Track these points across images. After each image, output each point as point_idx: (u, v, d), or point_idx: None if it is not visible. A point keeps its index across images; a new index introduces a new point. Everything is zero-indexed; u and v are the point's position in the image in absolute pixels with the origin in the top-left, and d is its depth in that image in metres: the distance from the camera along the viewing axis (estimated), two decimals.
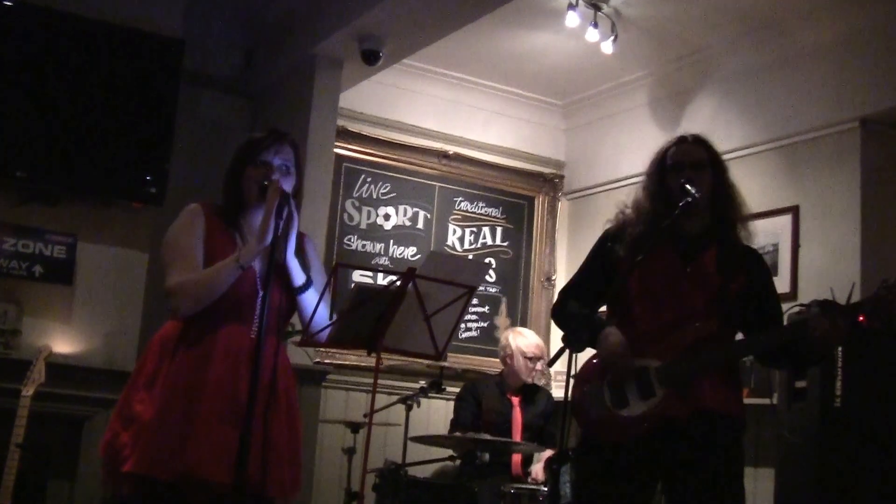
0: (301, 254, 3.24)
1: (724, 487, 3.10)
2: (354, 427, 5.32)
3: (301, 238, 3.29)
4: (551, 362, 3.37)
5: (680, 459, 3.11)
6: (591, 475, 3.26)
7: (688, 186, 3.18)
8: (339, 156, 6.48)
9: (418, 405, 5.34)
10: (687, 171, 3.24)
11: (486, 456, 5.03)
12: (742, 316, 3.25)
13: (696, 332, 3.15)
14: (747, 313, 3.24)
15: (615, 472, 3.17)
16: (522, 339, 5.80)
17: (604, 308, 3.45)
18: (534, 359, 5.74)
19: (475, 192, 7.11)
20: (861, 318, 2.99)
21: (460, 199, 7.05)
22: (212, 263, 3.12)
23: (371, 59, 5.75)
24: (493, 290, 7.07)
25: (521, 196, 7.28)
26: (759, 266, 3.34)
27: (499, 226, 7.17)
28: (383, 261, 6.72)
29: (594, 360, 3.32)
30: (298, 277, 3.21)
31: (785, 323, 3.31)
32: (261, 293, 3.11)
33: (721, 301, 3.17)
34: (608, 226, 3.43)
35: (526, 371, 5.75)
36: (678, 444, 3.10)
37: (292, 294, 3.21)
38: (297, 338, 3.30)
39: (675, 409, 3.10)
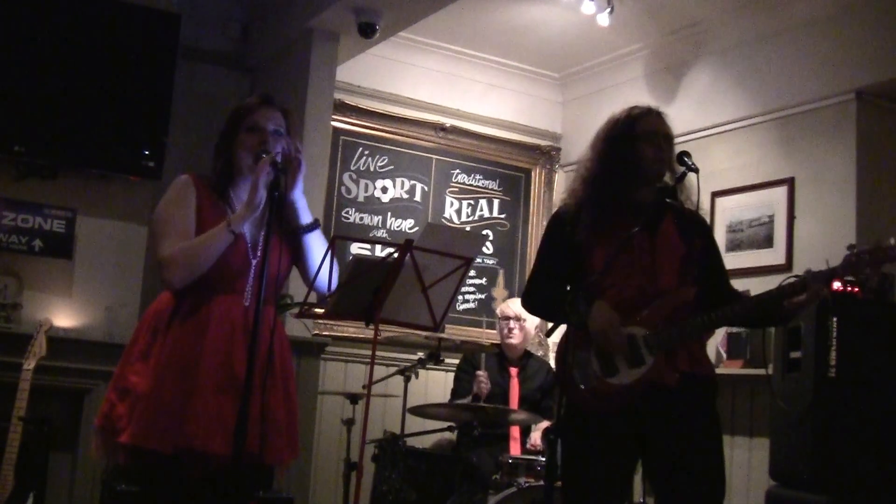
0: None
1: (710, 445, 3.17)
2: (353, 398, 5.34)
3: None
4: (549, 332, 3.40)
5: (667, 423, 3.14)
6: (576, 449, 3.26)
7: (686, 158, 3.22)
8: (336, 129, 6.50)
9: (416, 376, 5.36)
10: (660, 141, 3.28)
11: (477, 431, 5.07)
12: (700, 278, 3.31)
13: (677, 299, 3.19)
14: (701, 276, 3.30)
15: (600, 447, 3.18)
16: (503, 304, 5.91)
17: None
18: (502, 318, 5.76)
19: (472, 164, 7.12)
20: (834, 286, 3.10)
21: (457, 171, 7.06)
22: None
23: (367, 32, 5.75)
24: (491, 262, 7.10)
25: (517, 168, 7.30)
26: (708, 228, 3.51)
27: (496, 198, 7.19)
28: (381, 233, 6.74)
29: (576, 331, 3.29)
30: (305, 216, 3.17)
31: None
32: (253, 262, 3.09)
33: (690, 266, 3.24)
34: (559, 207, 3.44)
35: (499, 333, 5.80)
36: (665, 408, 3.14)
37: (287, 260, 3.19)
38: (296, 310, 3.30)
39: (665, 374, 3.15)
